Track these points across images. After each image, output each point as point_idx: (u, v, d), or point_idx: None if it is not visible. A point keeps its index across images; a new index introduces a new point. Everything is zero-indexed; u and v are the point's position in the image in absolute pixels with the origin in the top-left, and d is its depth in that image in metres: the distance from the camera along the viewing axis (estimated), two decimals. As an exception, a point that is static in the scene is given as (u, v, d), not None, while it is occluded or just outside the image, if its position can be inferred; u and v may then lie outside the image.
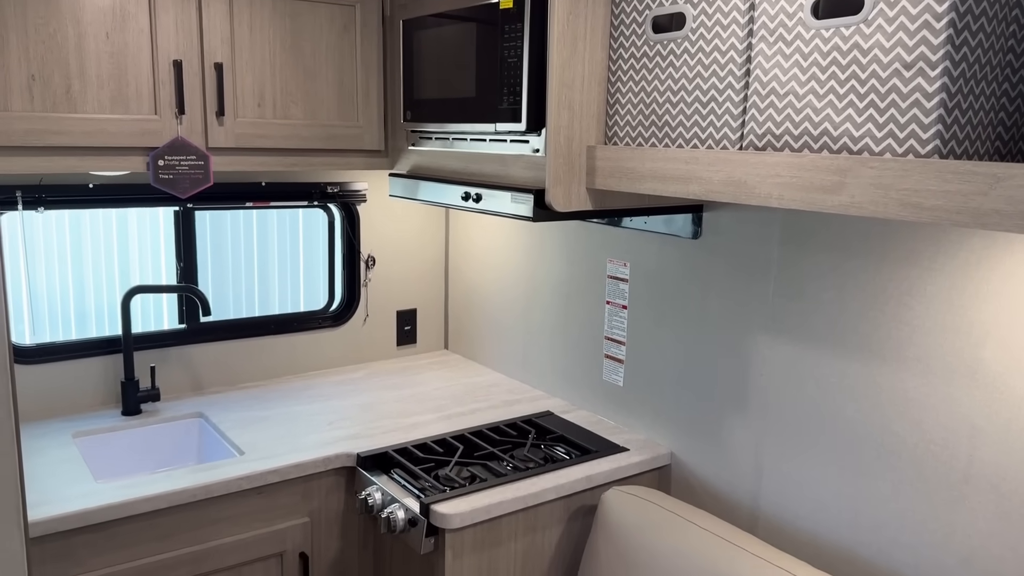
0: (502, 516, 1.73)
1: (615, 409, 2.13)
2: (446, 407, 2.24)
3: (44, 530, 1.56)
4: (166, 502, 1.68)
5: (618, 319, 2.08)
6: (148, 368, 2.19)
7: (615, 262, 2.07)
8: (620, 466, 1.88)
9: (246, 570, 1.82)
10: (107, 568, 1.65)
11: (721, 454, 1.84)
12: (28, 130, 1.67)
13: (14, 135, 1.66)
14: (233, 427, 2.04)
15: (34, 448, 1.88)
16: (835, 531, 1.62)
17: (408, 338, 2.70)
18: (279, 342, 2.43)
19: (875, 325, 1.52)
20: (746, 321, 1.76)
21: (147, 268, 2.29)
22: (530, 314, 2.39)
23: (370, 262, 2.57)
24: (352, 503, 1.96)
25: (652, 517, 1.66)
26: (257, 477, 1.78)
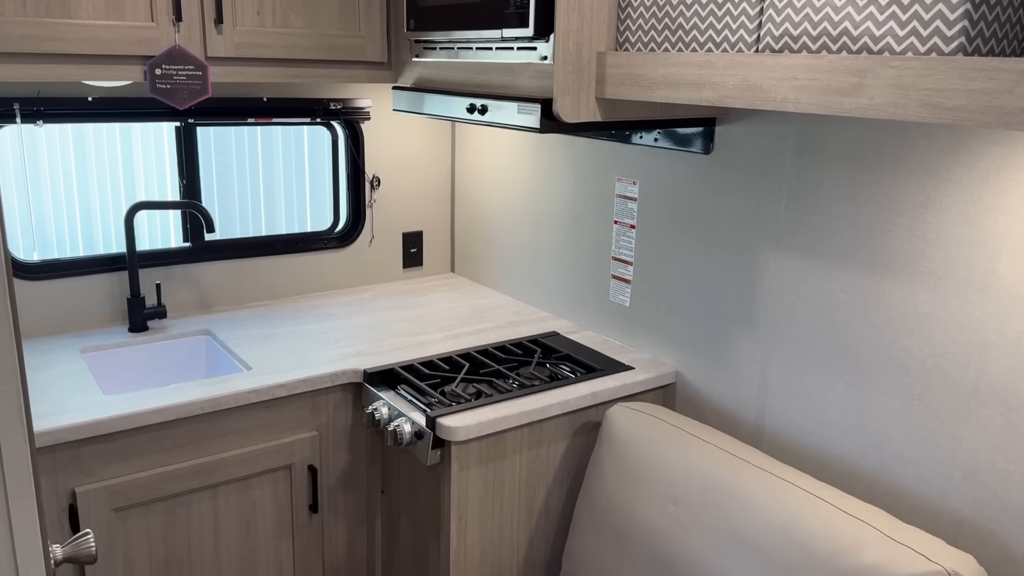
0: (507, 430, 1.74)
1: (621, 329, 2.13)
2: (452, 327, 2.24)
3: (53, 439, 1.57)
4: (174, 414, 1.69)
5: (626, 239, 2.06)
6: (154, 286, 2.19)
7: (624, 180, 2.04)
8: (625, 384, 1.89)
9: (256, 482, 1.85)
10: (117, 478, 1.67)
11: (726, 371, 1.84)
12: (23, 36, 1.63)
13: (8, 41, 1.62)
14: (240, 344, 2.05)
15: (42, 363, 1.89)
16: (839, 446, 1.62)
17: (414, 260, 2.69)
18: (285, 262, 2.42)
19: (888, 239, 1.49)
20: (756, 237, 1.73)
21: (152, 186, 2.26)
22: (537, 235, 2.37)
23: (375, 182, 2.54)
24: (359, 418, 1.98)
25: (656, 431, 1.67)
26: (265, 391, 1.80)
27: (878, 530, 1.30)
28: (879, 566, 1.26)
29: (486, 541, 1.77)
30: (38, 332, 2.07)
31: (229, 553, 1.85)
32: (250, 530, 1.86)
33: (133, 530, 1.72)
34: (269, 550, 1.90)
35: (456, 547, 1.73)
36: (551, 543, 1.88)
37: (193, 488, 1.76)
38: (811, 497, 1.40)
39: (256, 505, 1.86)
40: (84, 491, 1.64)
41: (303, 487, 1.91)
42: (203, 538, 1.81)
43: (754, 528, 1.41)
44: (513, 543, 1.82)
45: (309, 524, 1.94)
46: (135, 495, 1.69)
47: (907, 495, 1.51)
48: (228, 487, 1.81)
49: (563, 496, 1.87)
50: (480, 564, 1.77)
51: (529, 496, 1.82)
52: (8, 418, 0.84)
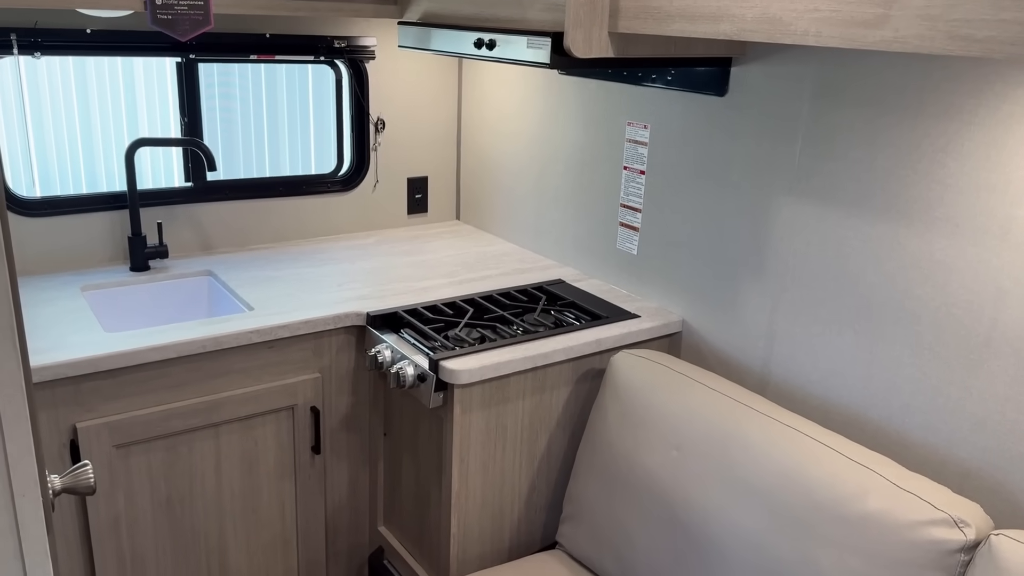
0: (511, 375, 1.72)
1: (628, 278, 2.10)
2: (457, 273, 2.21)
3: (53, 374, 1.56)
4: (175, 352, 1.68)
5: (635, 185, 2.02)
6: (155, 225, 2.16)
7: (635, 125, 1.99)
8: (630, 331, 1.87)
9: (258, 422, 1.85)
10: (118, 415, 1.67)
11: (734, 320, 1.82)
12: (16, -39, 1.57)
13: (2, -34, 1.57)
14: (242, 285, 2.03)
15: (42, 299, 1.88)
16: (846, 396, 1.60)
17: (419, 207, 2.65)
18: (288, 205, 2.39)
19: (905, 184, 1.45)
20: (769, 183, 1.69)
21: (155, 124, 2.22)
22: (544, 182, 2.33)
23: (379, 125, 2.49)
24: (362, 361, 1.97)
25: (660, 378, 1.65)
26: (267, 331, 1.78)
27: (884, 477, 1.29)
28: (884, 513, 1.24)
29: (488, 484, 1.77)
30: (38, 269, 2.06)
31: (231, 492, 1.85)
32: (252, 469, 1.87)
33: (135, 467, 1.72)
34: (271, 489, 1.91)
35: (457, 489, 1.73)
36: (552, 487, 1.88)
37: (195, 426, 1.76)
38: (816, 444, 1.39)
39: (258, 445, 1.86)
40: (85, 427, 1.63)
41: (305, 428, 1.91)
42: (205, 476, 1.81)
43: (757, 475, 1.40)
44: (515, 486, 1.81)
45: (311, 465, 1.94)
46: (136, 432, 1.69)
47: (913, 445, 1.50)
48: (230, 426, 1.81)
49: (565, 441, 1.86)
50: (481, 507, 1.78)
51: (531, 440, 1.81)
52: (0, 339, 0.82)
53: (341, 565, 2.09)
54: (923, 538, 1.20)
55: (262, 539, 1.93)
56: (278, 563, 1.97)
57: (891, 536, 1.22)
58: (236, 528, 1.88)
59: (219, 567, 1.88)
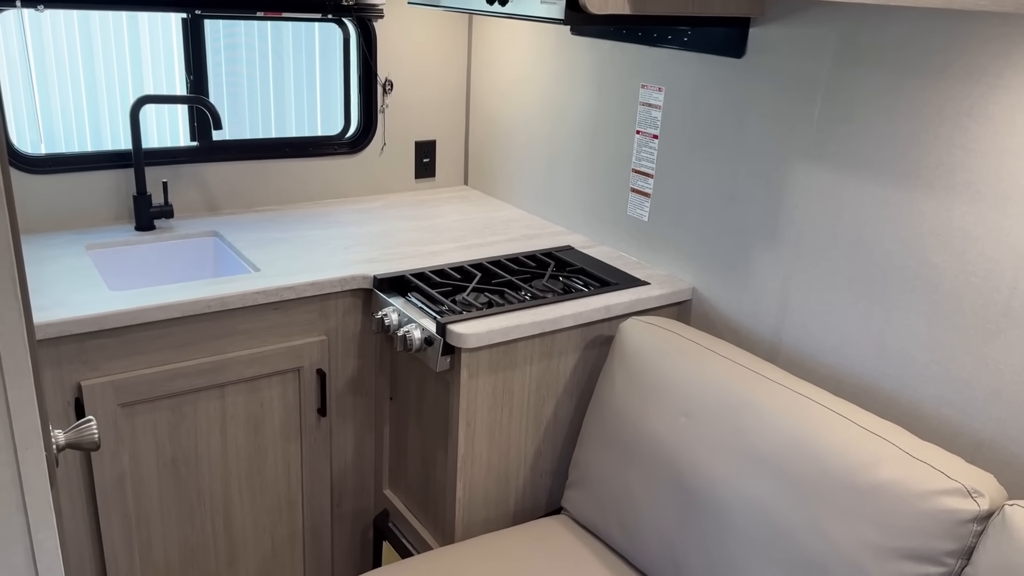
0: (518, 340, 1.70)
1: (638, 245, 2.07)
2: (464, 238, 2.18)
3: (58, 331, 1.55)
4: (180, 311, 1.66)
5: (647, 150, 1.98)
6: (160, 184, 2.14)
7: (649, 87, 1.95)
8: (639, 298, 1.84)
9: (264, 383, 1.84)
10: (123, 373, 1.66)
11: (745, 288, 1.79)
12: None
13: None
14: (248, 246, 2.01)
15: (46, 257, 1.86)
16: (859, 365, 1.58)
17: (427, 171, 2.62)
18: (294, 166, 2.36)
19: (926, 149, 1.42)
20: (786, 147, 1.66)
21: (160, 83, 2.18)
22: (554, 146, 2.29)
23: (387, 86, 2.45)
24: (368, 325, 1.95)
25: (670, 345, 1.63)
26: (273, 292, 1.76)
27: (896, 446, 1.27)
28: (896, 483, 1.23)
29: (493, 448, 1.76)
30: (42, 228, 2.04)
31: (237, 452, 1.85)
32: (258, 431, 1.86)
33: (140, 426, 1.71)
34: (277, 451, 1.90)
35: (464, 453, 1.72)
36: (558, 453, 1.87)
37: (200, 387, 1.75)
38: (828, 412, 1.37)
39: (264, 407, 1.85)
40: (90, 385, 1.62)
41: (311, 390, 1.90)
42: (210, 437, 1.80)
43: (767, 442, 1.39)
44: (521, 451, 1.81)
45: (317, 427, 1.93)
46: (141, 391, 1.68)
47: (926, 415, 1.48)
48: (236, 387, 1.80)
49: (572, 408, 1.85)
50: (487, 471, 1.77)
51: (538, 406, 1.80)
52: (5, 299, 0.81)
53: (346, 527, 2.09)
54: (935, 508, 1.19)
55: (267, 500, 1.93)
56: (283, 525, 1.97)
57: (903, 506, 1.21)
58: (241, 489, 1.88)
59: (224, 527, 1.89)
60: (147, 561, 1.81)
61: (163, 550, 1.82)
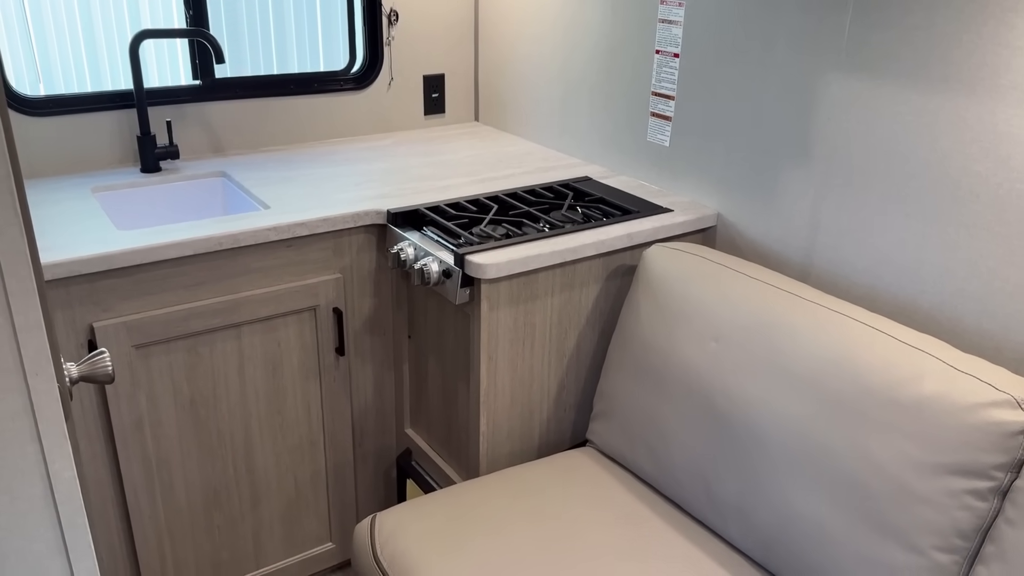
0: (539, 270, 1.65)
1: (659, 172, 2.00)
2: (478, 172, 2.12)
3: (67, 271, 1.51)
4: (192, 249, 1.62)
5: (668, 70, 1.90)
6: (164, 124, 2.07)
7: (668, 3, 1.85)
8: (663, 225, 1.78)
9: (280, 323, 1.80)
10: (136, 314, 1.62)
11: (773, 210, 1.73)
12: None
13: None
14: (257, 185, 1.95)
15: (51, 200, 1.81)
16: (895, 283, 1.52)
17: (436, 107, 2.54)
18: (300, 104, 2.29)
19: (968, 51, 1.34)
20: (816, 59, 1.57)
21: (158, 20, 2.11)
22: (568, 75, 2.21)
23: (393, 17, 2.36)
24: (383, 262, 1.90)
25: (697, 269, 1.58)
26: (285, 228, 1.71)
27: (939, 359, 1.22)
28: (941, 396, 1.18)
29: (516, 382, 1.72)
30: (46, 172, 1.98)
31: (256, 393, 1.82)
32: (276, 371, 1.83)
33: (155, 368, 1.68)
34: (296, 390, 1.87)
35: (486, 388, 1.68)
36: (582, 385, 1.83)
37: (216, 327, 1.71)
38: (866, 328, 1.32)
39: (281, 346, 1.81)
40: (102, 326, 1.59)
41: (328, 329, 1.86)
42: (228, 377, 1.77)
43: (803, 362, 1.34)
44: (543, 384, 1.77)
45: (336, 366, 1.90)
46: (155, 332, 1.64)
47: (967, 332, 1.43)
48: (252, 327, 1.76)
49: (595, 339, 1.81)
50: (510, 405, 1.73)
51: (560, 338, 1.75)
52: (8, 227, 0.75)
53: (369, 467, 2.07)
54: (983, 420, 1.14)
55: (288, 441, 1.90)
56: (305, 465, 1.95)
57: (949, 419, 1.16)
58: (262, 430, 1.86)
59: (246, 469, 1.87)
60: (170, 504, 1.79)
61: (185, 493, 1.80)
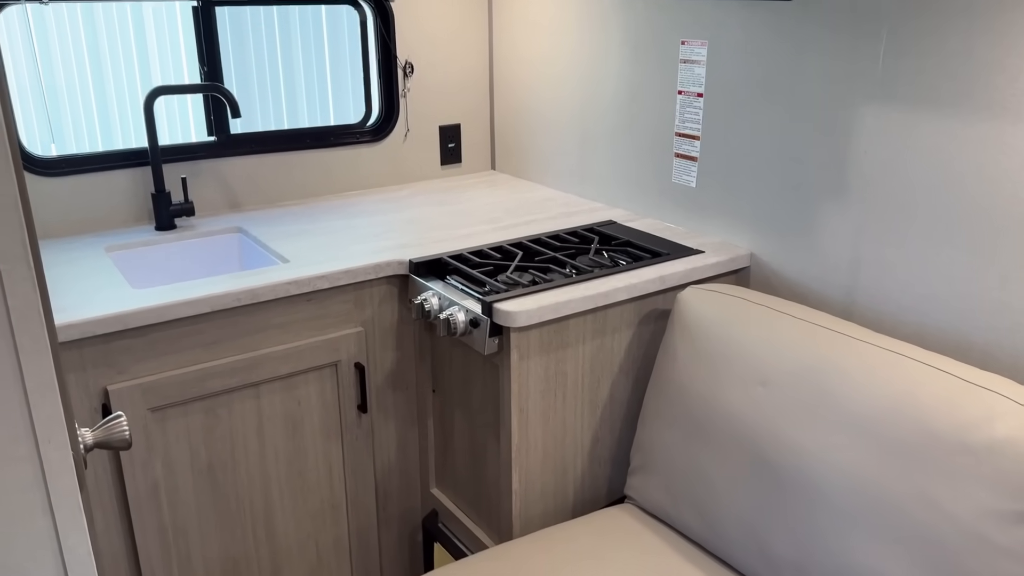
0: (570, 316, 1.59)
1: (686, 213, 1.95)
2: (499, 219, 2.07)
3: (80, 332, 1.45)
4: (209, 306, 1.56)
5: (692, 110, 1.86)
6: (179, 181, 2.04)
7: (690, 43, 1.83)
8: (695, 267, 1.72)
9: (300, 380, 1.73)
10: (152, 375, 1.56)
11: (810, 248, 1.66)
12: None
13: None
14: (275, 239, 1.90)
15: (64, 260, 1.77)
16: (945, 320, 1.45)
17: (452, 156, 2.51)
18: (315, 158, 2.26)
19: (1012, 76, 1.29)
20: (848, 91, 1.53)
21: (168, 78, 2.09)
22: (587, 118, 2.17)
23: (408, 69, 2.34)
24: (406, 314, 1.84)
25: (737, 310, 1.51)
26: (305, 282, 1.65)
27: (1010, 399, 1.14)
28: (1017, 438, 1.10)
29: (548, 436, 1.64)
30: (59, 232, 1.95)
31: (275, 455, 1.74)
32: (296, 431, 1.75)
33: (172, 431, 1.61)
34: (317, 451, 1.79)
35: (517, 443, 1.60)
36: (617, 437, 1.74)
37: (234, 387, 1.64)
38: (925, 368, 1.24)
39: (302, 405, 1.74)
40: (117, 389, 1.52)
41: (350, 385, 1.79)
42: (247, 440, 1.70)
43: (860, 406, 1.26)
44: (577, 438, 1.69)
45: (358, 424, 1.82)
46: (172, 394, 1.58)
47: (1029, 368, 1.35)
48: (271, 385, 1.69)
49: (629, 388, 1.73)
50: (543, 461, 1.65)
51: (593, 388, 1.68)
52: (10, 241, 0.70)
53: (393, 531, 1.97)
54: (1067, 463, 1.05)
55: (310, 505, 1.82)
56: (327, 530, 1.86)
57: (1027, 463, 1.08)
58: (282, 494, 1.77)
59: (265, 536, 1.78)
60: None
61: (203, 563, 1.71)
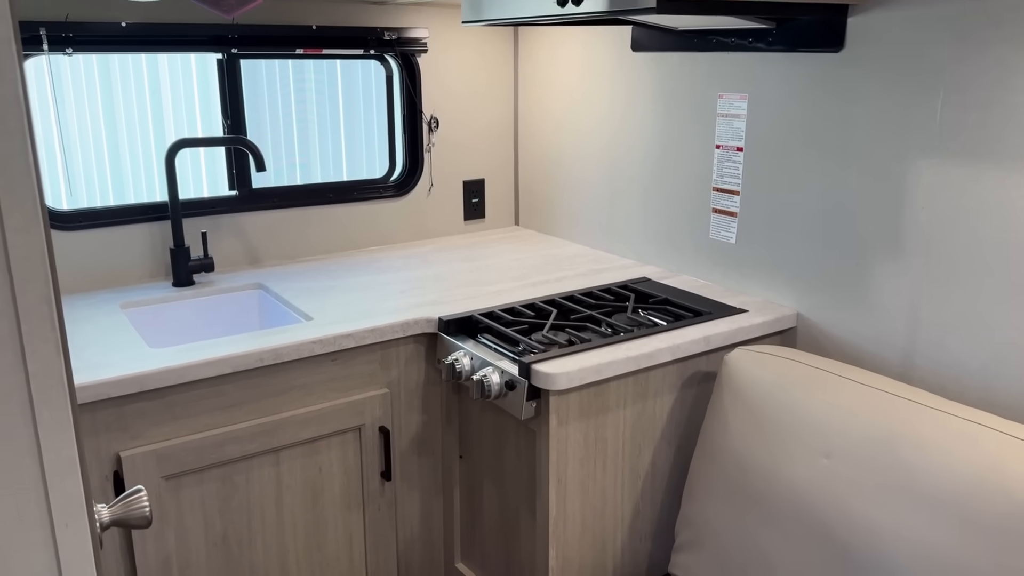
0: (611, 379, 1.50)
1: (725, 271, 1.87)
2: (528, 275, 2.00)
3: (94, 395, 1.36)
4: (230, 367, 1.48)
5: (730, 165, 1.80)
6: (199, 235, 1.97)
7: (728, 96, 1.78)
8: (740, 327, 1.63)
9: (323, 445, 1.63)
10: (167, 440, 1.46)
11: (863, 308, 1.58)
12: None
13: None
14: (297, 295, 1.83)
15: (79, 318, 1.69)
16: (1018, 383, 1.35)
17: (476, 212, 2.45)
18: (338, 213, 2.20)
19: (1088, 127, 1.22)
20: (903, 144, 1.47)
21: (183, 130, 2.05)
22: (617, 173, 2.12)
23: (433, 124, 2.30)
24: (432, 374, 1.75)
25: (793, 374, 1.42)
26: (330, 341, 1.57)
27: (1111, 476, 1.04)
28: (1124, 519, 1.00)
29: (587, 508, 1.54)
30: (73, 288, 1.87)
31: (294, 526, 1.63)
32: (316, 500, 1.64)
33: (186, 500, 1.50)
34: (337, 522, 1.68)
35: (555, 515, 1.50)
36: (659, 510, 1.63)
37: (252, 452, 1.55)
38: (1008, 439, 1.14)
39: (323, 472, 1.64)
40: (130, 455, 1.43)
41: (374, 451, 1.69)
42: (265, 509, 1.59)
43: (938, 479, 1.16)
44: (617, 510, 1.58)
45: (381, 493, 1.72)
46: (187, 460, 1.48)
47: (1115, 439, 1.24)
48: (292, 451, 1.60)
49: (672, 456, 1.63)
50: (581, 534, 1.54)
51: (634, 455, 1.57)
52: (35, 299, 0.62)
53: (416, 608, 1.85)
54: None
55: (329, 580, 1.70)
56: (347, 607, 1.74)
57: None
58: (300, 568, 1.66)
59: (282, 614, 1.65)
60: (197, 658, 1.57)
61: (214, 644, 1.59)
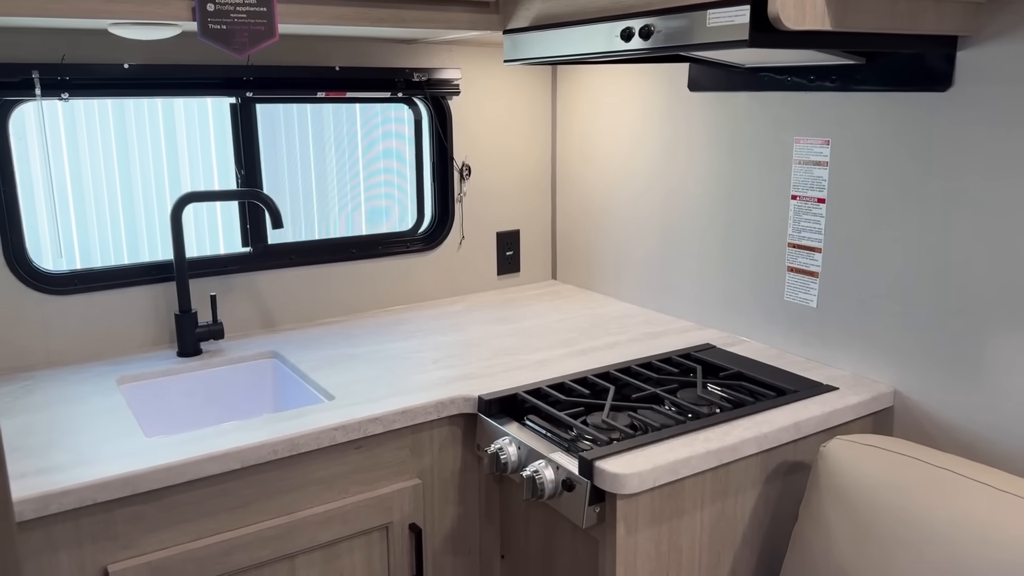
0: (687, 477, 1.26)
1: (803, 338, 1.64)
2: (575, 341, 1.77)
3: (77, 501, 1.15)
4: (238, 461, 1.26)
5: (810, 218, 1.58)
6: (207, 298, 1.77)
7: (806, 141, 1.56)
8: (834, 409, 1.40)
9: (345, 548, 1.40)
10: (164, 550, 1.24)
11: (978, 387, 1.34)
12: (33, -37, 1.23)
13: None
14: (317, 367, 1.61)
15: (69, 397, 1.48)
16: None
17: (510, 266, 2.24)
18: (361, 269, 1.99)
19: None
20: (1021, 198, 1.24)
21: (198, 182, 1.85)
22: (671, 226, 1.90)
23: (465, 172, 2.10)
24: (471, 460, 1.52)
25: (909, 472, 1.18)
26: (354, 427, 1.35)
27: None
28: None
29: (660, 629, 1.29)
30: (67, 359, 1.67)
31: (311, 646, 1.39)
32: (338, 614, 1.41)
33: (186, 620, 1.27)
34: (363, 640, 1.44)
35: (622, 639, 1.25)
36: (742, 628, 1.39)
37: (264, 560, 1.32)
38: None
39: (345, 580, 1.41)
40: (120, 569, 1.20)
41: (403, 553, 1.45)
42: (277, 627, 1.36)
43: None
44: (695, 630, 1.33)
45: (413, 603, 1.48)
46: (188, 572, 1.25)
47: None
48: (309, 556, 1.36)
49: (754, 562, 1.38)
50: (653, 661, 1.29)
51: (712, 565, 1.33)
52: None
53: None
54: None
55: None
56: None
57: None
58: None
59: None
60: None
61: None
